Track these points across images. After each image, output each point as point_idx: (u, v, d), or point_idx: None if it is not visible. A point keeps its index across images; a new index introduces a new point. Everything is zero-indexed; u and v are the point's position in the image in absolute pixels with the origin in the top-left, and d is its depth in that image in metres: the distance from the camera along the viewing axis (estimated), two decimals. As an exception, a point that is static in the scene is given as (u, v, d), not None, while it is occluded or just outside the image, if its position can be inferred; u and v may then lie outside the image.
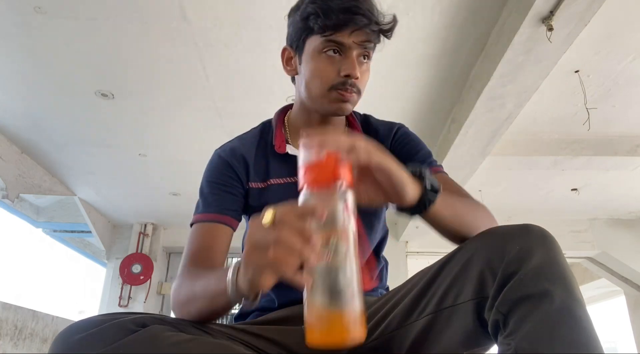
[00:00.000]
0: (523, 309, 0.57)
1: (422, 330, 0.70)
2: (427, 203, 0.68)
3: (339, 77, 0.85)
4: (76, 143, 3.48)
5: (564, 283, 0.58)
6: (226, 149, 0.97)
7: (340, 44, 0.84)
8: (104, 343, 0.57)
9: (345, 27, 0.83)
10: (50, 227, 5.24)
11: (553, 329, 0.55)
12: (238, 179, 0.93)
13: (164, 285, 5.21)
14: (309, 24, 0.85)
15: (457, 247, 0.72)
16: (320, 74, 0.86)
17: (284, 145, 0.94)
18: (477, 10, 2.20)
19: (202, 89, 2.79)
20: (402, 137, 0.99)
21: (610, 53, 2.49)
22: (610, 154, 3.32)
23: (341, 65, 0.85)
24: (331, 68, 0.85)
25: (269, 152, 0.96)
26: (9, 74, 2.70)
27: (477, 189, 4.10)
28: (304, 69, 0.88)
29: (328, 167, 0.57)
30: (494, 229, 0.69)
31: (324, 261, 0.53)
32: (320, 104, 0.89)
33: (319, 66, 0.86)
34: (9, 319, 2.43)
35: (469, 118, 2.70)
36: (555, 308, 0.56)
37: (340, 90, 0.85)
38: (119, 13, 2.22)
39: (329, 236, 0.54)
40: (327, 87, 0.86)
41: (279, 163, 0.94)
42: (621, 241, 4.84)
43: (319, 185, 0.56)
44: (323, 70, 0.85)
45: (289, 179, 0.93)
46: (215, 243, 0.86)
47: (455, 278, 0.67)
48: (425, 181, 0.68)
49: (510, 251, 0.61)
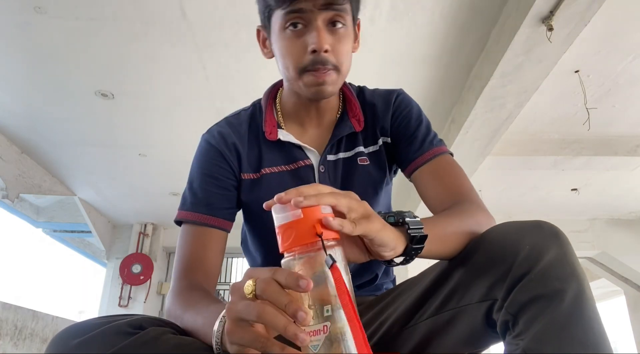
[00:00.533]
0: (534, 309, 0.56)
1: (427, 331, 0.69)
2: (413, 255, 0.62)
3: (307, 55, 0.74)
4: (76, 143, 3.48)
5: (574, 282, 0.56)
6: (215, 134, 0.89)
7: (301, 12, 0.72)
8: (102, 347, 0.56)
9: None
10: (50, 227, 5.24)
11: (562, 329, 0.54)
12: (231, 170, 0.86)
13: (164, 285, 5.21)
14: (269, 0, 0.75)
15: (466, 247, 0.69)
16: (288, 54, 0.76)
17: (275, 131, 0.86)
18: (477, 11, 2.20)
19: (202, 89, 2.79)
20: (401, 107, 0.91)
21: (610, 53, 2.49)
22: (610, 154, 3.32)
23: (307, 41, 0.73)
24: (298, 45, 0.74)
25: (261, 138, 0.88)
26: (9, 74, 2.70)
27: (477, 189, 4.07)
28: (275, 50, 0.79)
29: (307, 223, 0.48)
30: (503, 226, 0.65)
31: (321, 335, 0.46)
32: (298, 88, 0.80)
33: (285, 44, 0.75)
34: (9, 319, 2.43)
35: (469, 118, 2.70)
36: (565, 307, 0.54)
37: (311, 71, 0.75)
38: (119, 13, 2.22)
39: (323, 302, 0.47)
40: (298, 70, 0.76)
41: (272, 150, 0.87)
42: (621, 241, 4.84)
43: (300, 246, 0.48)
44: (290, 49, 0.75)
45: (283, 167, 0.87)
46: (209, 251, 0.81)
47: (462, 279, 0.65)
48: (408, 233, 0.60)
49: (521, 251, 0.59)
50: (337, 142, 0.89)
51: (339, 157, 0.89)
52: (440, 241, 0.65)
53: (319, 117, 0.90)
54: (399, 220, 0.61)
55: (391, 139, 0.91)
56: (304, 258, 0.48)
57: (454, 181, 0.83)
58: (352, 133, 0.90)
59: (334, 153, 0.89)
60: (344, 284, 0.46)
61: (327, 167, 0.87)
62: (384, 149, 0.91)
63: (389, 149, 0.91)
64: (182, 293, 0.75)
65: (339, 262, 0.48)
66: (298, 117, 0.90)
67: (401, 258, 0.62)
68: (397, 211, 0.63)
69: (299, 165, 0.87)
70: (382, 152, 0.91)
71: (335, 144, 0.89)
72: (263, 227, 0.89)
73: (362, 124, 0.90)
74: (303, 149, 0.88)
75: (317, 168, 0.87)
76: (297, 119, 0.90)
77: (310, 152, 0.88)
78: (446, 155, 0.87)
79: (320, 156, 0.88)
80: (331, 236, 0.49)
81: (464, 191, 0.81)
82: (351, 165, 0.89)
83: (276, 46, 0.79)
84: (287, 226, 0.49)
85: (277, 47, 0.78)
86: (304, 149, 0.88)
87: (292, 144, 0.87)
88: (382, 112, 0.91)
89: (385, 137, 0.91)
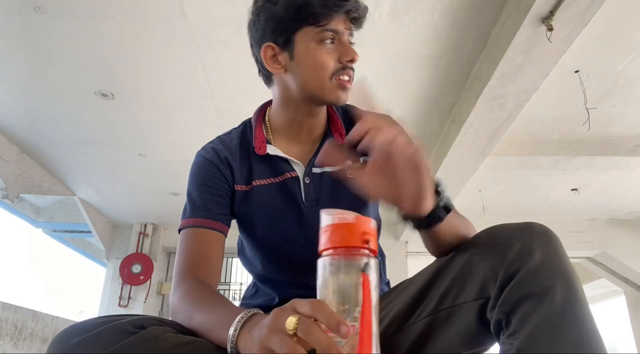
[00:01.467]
0: (525, 308, 0.56)
1: (423, 330, 0.69)
2: (437, 220, 0.66)
3: (338, 64, 0.84)
4: (76, 143, 3.48)
5: (565, 281, 0.57)
6: (209, 150, 0.94)
7: (335, 32, 0.83)
8: (103, 345, 0.57)
9: (338, 14, 0.82)
10: (50, 227, 5.24)
11: (555, 328, 0.54)
12: (225, 181, 0.91)
13: (164, 285, 5.21)
14: (300, 16, 0.82)
15: (457, 248, 0.71)
16: (323, 66, 0.83)
17: (264, 146, 0.91)
18: (477, 11, 2.20)
19: (202, 89, 2.79)
20: None
21: (610, 53, 2.49)
22: (610, 154, 3.32)
23: (339, 53, 0.84)
24: (330, 57, 0.84)
25: (251, 153, 0.93)
26: (9, 74, 2.70)
27: (477, 189, 4.10)
28: (301, 63, 0.85)
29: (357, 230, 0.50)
30: (496, 227, 0.67)
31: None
32: (321, 95, 0.86)
33: (321, 57, 0.83)
34: (9, 319, 2.43)
35: (469, 118, 2.70)
36: (557, 306, 0.55)
37: (340, 75, 0.84)
38: (119, 13, 2.22)
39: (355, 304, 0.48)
40: (328, 77, 0.84)
41: (261, 164, 0.92)
42: (621, 241, 4.84)
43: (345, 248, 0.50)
44: (325, 61, 0.83)
45: (271, 179, 0.91)
46: (210, 251, 0.84)
47: (456, 278, 0.67)
48: (442, 196, 0.65)
49: (512, 249, 0.61)
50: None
51: (325, 171, 0.92)
52: (452, 227, 0.70)
53: (309, 133, 0.94)
54: (437, 183, 0.67)
55: None
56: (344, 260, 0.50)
57: None
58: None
59: (319, 167, 0.92)
60: (369, 290, 0.48)
61: (312, 179, 0.91)
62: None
63: None
64: (191, 290, 0.77)
65: (373, 272, 0.50)
66: (287, 133, 0.95)
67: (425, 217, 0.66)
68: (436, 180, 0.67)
69: (285, 177, 0.91)
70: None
71: None
72: (257, 237, 0.93)
73: (344, 136, 0.94)
74: (289, 162, 0.92)
75: (303, 179, 0.91)
76: (285, 135, 0.95)
77: (296, 165, 0.92)
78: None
79: (305, 168, 0.92)
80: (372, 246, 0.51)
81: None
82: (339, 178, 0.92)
83: (306, 60, 0.84)
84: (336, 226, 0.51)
85: (309, 61, 0.84)
86: (290, 161, 0.92)
87: (280, 157, 0.91)
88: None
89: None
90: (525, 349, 0.55)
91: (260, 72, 0.93)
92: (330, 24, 0.82)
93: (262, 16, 0.86)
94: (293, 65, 0.85)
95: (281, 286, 0.95)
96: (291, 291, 0.86)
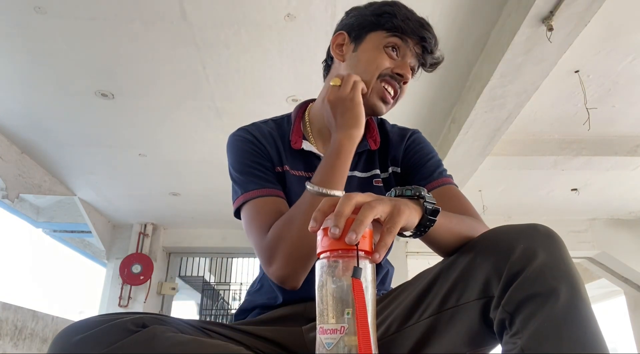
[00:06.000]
0: (529, 308, 0.56)
1: (426, 330, 0.69)
2: (426, 228, 0.66)
3: (390, 70, 0.89)
4: (76, 143, 3.48)
5: (569, 282, 0.57)
6: (247, 130, 0.96)
7: (401, 47, 0.90)
8: (105, 343, 0.57)
9: (412, 35, 0.90)
10: (50, 227, 5.24)
11: (559, 328, 0.54)
12: (269, 158, 0.93)
13: (164, 285, 5.21)
14: (381, 20, 0.90)
15: (461, 249, 0.70)
16: (377, 63, 0.89)
17: (300, 141, 0.95)
18: (477, 11, 2.20)
19: (202, 89, 2.79)
20: (415, 143, 1.00)
21: (610, 53, 2.49)
22: (610, 154, 3.32)
23: (396, 64, 0.90)
24: (387, 61, 0.89)
25: (285, 144, 0.96)
26: (9, 74, 2.70)
27: (477, 189, 4.10)
28: (359, 57, 0.91)
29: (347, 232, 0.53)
30: (499, 228, 0.67)
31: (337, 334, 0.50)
32: (364, 92, 0.89)
33: (377, 56, 0.89)
34: (9, 319, 2.43)
35: (469, 118, 2.70)
36: (561, 306, 0.55)
37: (387, 81, 0.89)
38: (119, 13, 2.22)
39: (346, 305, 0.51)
40: (377, 75, 0.89)
41: (294, 157, 0.95)
42: (621, 241, 4.84)
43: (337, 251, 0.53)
44: (380, 60, 0.89)
45: (303, 172, 0.94)
46: (282, 212, 0.84)
47: (459, 278, 0.67)
48: (424, 204, 0.66)
49: (516, 250, 0.60)
50: (353, 159, 0.92)
51: (355, 175, 0.95)
52: (448, 228, 0.70)
53: None
54: (415, 194, 0.67)
55: (401, 170, 0.99)
56: (338, 262, 0.52)
57: (459, 206, 0.87)
58: (369, 155, 0.98)
59: (350, 169, 0.91)
60: (362, 294, 0.50)
61: None
62: (393, 177, 0.98)
63: (397, 179, 0.99)
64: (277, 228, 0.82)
65: (367, 272, 0.52)
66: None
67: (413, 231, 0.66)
68: (414, 186, 0.68)
69: None
70: (392, 179, 0.99)
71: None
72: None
73: (378, 144, 0.98)
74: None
75: None
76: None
77: None
78: (453, 186, 0.93)
79: None
80: (365, 247, 0.53)
81: (469, 214, 0.85)
82: (366, 184, 0.96)
83: (364, 55, 0.91)
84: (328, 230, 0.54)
85: (366, 56, 0.91)
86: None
87: (313, 154, 0.95)
88: (396, 142, 1.00)
89: (396, 167, 0.99)
90: (529, 349, 0.55)
91: (325, 61, 0.99)
92: (402, 38, 0.89)
93: (351, 13, 0.95)
94: (353, 57, 0.92)
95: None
96: (296, 293, 0.85)
